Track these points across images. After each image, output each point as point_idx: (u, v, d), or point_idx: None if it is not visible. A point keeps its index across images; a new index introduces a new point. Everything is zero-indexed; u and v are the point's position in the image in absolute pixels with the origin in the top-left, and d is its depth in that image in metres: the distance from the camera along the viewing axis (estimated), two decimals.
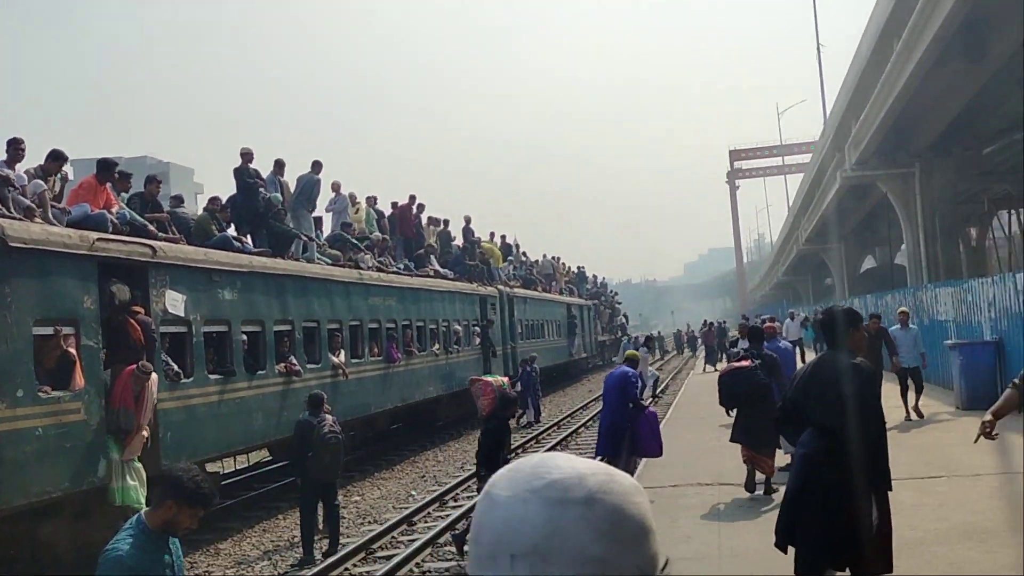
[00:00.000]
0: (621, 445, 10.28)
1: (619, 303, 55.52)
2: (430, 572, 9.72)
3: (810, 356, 27.01)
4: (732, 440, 9.92)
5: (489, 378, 14.15)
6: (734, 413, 9.88)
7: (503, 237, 34.62)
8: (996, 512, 8.16)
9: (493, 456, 9.11)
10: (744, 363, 9.68)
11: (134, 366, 9.87)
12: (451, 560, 10.09)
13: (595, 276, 52.39)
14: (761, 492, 9.65)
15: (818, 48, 50.34)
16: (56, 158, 10.76)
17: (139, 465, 9.89)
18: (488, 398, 11.91)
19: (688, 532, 8.51)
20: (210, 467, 13.38)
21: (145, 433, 9.95)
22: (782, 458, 9.71)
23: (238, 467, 16.53)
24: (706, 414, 15.97)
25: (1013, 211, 50.17)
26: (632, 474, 8.09)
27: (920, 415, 14.15)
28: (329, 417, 10.57)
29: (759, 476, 9.75)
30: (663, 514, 9.41)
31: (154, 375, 10.12)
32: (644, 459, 11.25)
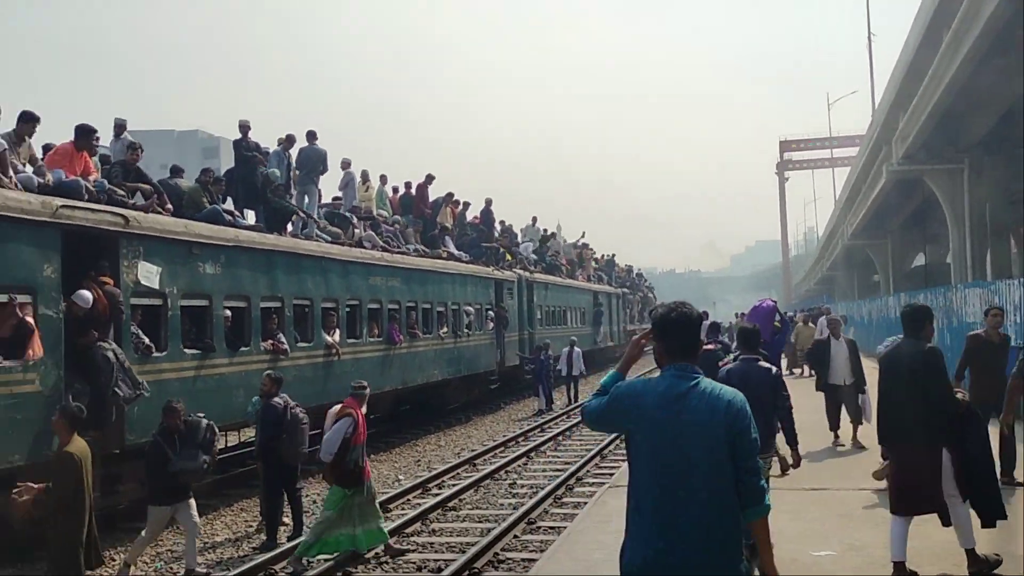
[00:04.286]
0: None
1: (652, 293, 54.70)
2: (387, 562, 9.36)
3: None
4: None
5: None
6: None
7: (534, 219, 34.30)
8: None
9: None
10: (710, 346, 10.50)
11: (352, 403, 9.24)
12: (411, 551, 9.73)
13: (629, 266, 51.63)
14: None
15: (869, 37, 48.78)
16: (28, 119, 10.49)
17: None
18: None
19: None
20: None
21: None
22: None
23: (228, 443, 16.30)
24: None
25: None
26: None
27: None
28: (287, 398, 10.33)
29: None
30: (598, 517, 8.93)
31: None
32: None
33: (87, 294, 9.77)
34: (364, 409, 9.37)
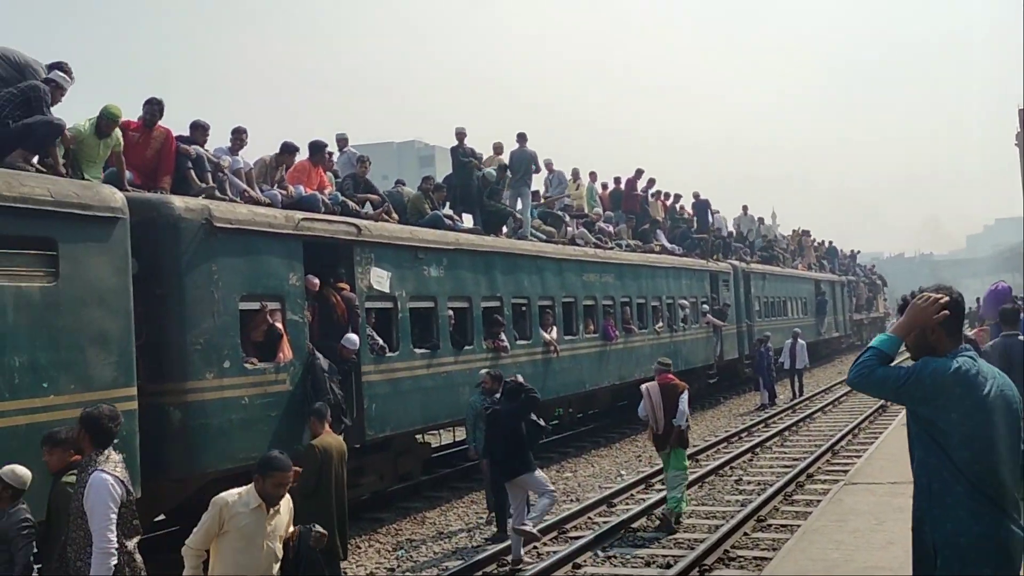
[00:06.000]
0: None
1: (881, 280, 51.54)
2: (615, 556, 9.41)
3: None
4: None
5: None
6: None
7: (745, 208, 33.28)
8: None
9: None
10: None
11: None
12: (639, 546, 9.73)
13: (854, 251, 48.96)
14: None
15: None
16: (290, 151, 11.53)
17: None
18: None
19: (891, 538, 7.57)
20: (421, 439, 13.84)
21: None
22: None
23: (456, 439, 16.98)
24: None
25: None
26: None
27: None
28: None
29: None
30: (868, 514, 8.49)
31: None
32: None
33: (355, 338, 10.54)
34: None
